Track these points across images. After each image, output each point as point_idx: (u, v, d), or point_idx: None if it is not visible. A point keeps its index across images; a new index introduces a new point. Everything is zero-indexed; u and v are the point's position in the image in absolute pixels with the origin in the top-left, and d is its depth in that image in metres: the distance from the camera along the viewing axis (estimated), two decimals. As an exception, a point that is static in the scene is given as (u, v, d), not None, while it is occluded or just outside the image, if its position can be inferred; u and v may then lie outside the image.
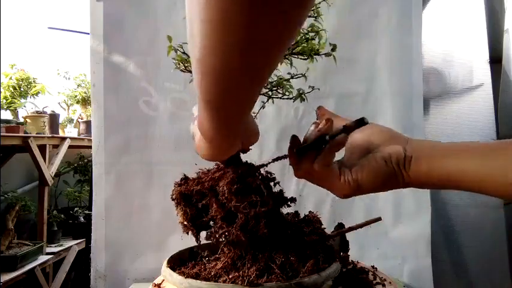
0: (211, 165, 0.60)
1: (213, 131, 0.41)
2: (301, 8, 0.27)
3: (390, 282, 0.70)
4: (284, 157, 0.56)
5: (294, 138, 0.52)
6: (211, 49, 0.28)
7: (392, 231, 1.13)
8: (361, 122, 0.46)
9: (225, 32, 0.26)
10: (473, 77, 1.29)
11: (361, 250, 1.09)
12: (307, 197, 1.12)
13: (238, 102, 0.36)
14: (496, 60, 1.28)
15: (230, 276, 0.56)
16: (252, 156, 0.65)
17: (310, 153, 0.50)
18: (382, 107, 1.14)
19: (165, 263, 0.67)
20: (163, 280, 0.70)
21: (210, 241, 0.59)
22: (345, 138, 0.47)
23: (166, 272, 0.63)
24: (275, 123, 1.13)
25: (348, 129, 0.46)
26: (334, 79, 1.14)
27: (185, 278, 0.58)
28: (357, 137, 0.50)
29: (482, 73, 1.29)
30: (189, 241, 0.76)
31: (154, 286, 0.69)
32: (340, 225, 0.70)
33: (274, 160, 0.61)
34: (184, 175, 0.61)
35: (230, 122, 0.40)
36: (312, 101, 1.14)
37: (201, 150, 0.48)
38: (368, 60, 1.14)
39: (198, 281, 0.57)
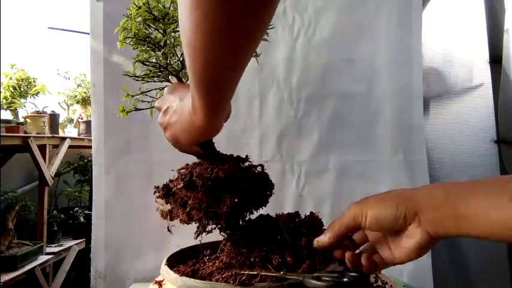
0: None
1: (206, 112, 0.46)
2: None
3: (391, 286, 0.70)
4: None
5: None
6: (198, 33, 0.35)
7: (392, 231, 1.12)
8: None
9: (207, 19, 0.33)
10: (473, 77, 1.29)
11: (361, 250, 1.09)
12: (307, 197, 1.12)
13: (225, 80, 0.42)
14: (496, 60, 1.28)
15: (223, 276, 0.57)
16: (252, 156, 0.65)
17: None
18: (382, 107, 1.14)
19: (164, 260, 0.68)
20: (164, 278, 0.71)
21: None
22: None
23: (164, 270, 0.64)
24: (275, 123, 1.13)
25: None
26: (334, 79, 1.14)
27: (180, 276, 0.59)
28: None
29: (482, 73, 1.29)
30: (189, 240, 0.76)
31: (155, 283, 0.69)
32: None
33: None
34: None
35: (220, 100, 0.46)
36: (313, 101, 1.14)
37: (190, 135, 0.52)
38: (368, 60, 1.14)
39: (191, 279, 0.57)
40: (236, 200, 0.56)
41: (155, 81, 0.70)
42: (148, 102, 0.73)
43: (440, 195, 0.40)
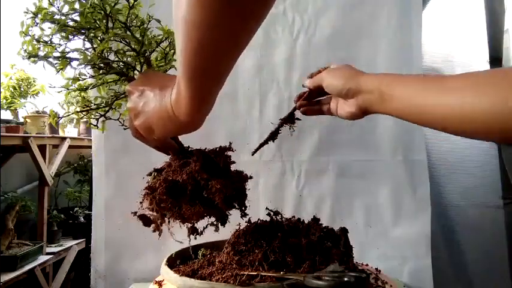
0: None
1: (192, 103, 0.43)
2: None
3: (391, 286, 0.70)
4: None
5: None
6: (197, 7, 0.32)
7: (392, 231, 1.13)
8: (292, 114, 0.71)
9: None
10: (473, 77, 1.29)
11: (361, 250, 1.08)
12: (307, 197, 1.12)
13: (219, 66, 0.39)
14: (496, 60, 1.27)
15: (223, 276, 0.57)
16: (252, 156, 0.65)
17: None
18: (382, 107, 1.13)
19: (164, 260, 0.68)
20: (164, 278, 0.71)
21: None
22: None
23: (163, 270, 0.64)
24: (275, 123, 1.13)
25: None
26: (334, 79, 1.14)
27: (180, 276, 0.59)
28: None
29: (482, 73, 1.28)
30: (189, 240, 0.76)
31: (155, 283, 0.69)
32: (344, 230, 0.69)
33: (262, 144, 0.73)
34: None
35: (210, 90, 0.43)
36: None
37: (167, 126, 0.49)
38: (368, 60, 1.14)
39: (191, 279, 0.57)
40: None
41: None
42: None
43: (375, 82, 0.54)
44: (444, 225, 1.25)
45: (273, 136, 0.71)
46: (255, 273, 0.55)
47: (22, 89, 2.17)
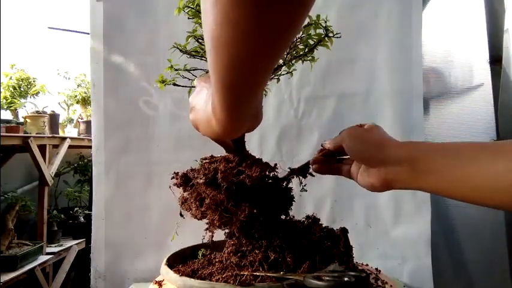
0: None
1: (224, 113, 0.42)
2: None
3: (391, 286, 0.70)
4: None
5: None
6: (224, 24, 0.31)
7: (392, 231, 1.12)
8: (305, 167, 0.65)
9: (235, 8, 0.29)
10: (473, 77, 1.29)
11: (361, 250, 1.08)
12: (307, 197, 1.12)
13: (249, 81, 0.38)
14: (496, 60, 1.27)
15: (223, 276, 0.57)
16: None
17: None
18: (382, 107, 1.13)
19: (164, 260, 0.68)
20: (164, 278, 0.71)
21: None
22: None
23: (163, 270, 0.64)
24: (275, 123, 1.13)
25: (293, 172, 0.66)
26: (334, 79, 1.14)
27: (180, 276, 0.59)
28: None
29: (482, 73, 1.28)
30: (190, 240, 0.76)
31: (155, 283, 0.69)
32: (344, 230, 0.69)
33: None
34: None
35: (241, 103, 0.42)
36: (312, 101, 1.14)
37: (208, 128, 0.49)
38: (368, 60, 1.14)
39: (191, 279, 0.57)
40: (255, 211, 0.56)
41: (203, 59, 0.66)
42: (189, 79, 0.70)
43: (406, 152, 0.46)
44: (444, 225, 1.25)
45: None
46: (255, 273, 0.55)
47: (22, 89, 2.17)
